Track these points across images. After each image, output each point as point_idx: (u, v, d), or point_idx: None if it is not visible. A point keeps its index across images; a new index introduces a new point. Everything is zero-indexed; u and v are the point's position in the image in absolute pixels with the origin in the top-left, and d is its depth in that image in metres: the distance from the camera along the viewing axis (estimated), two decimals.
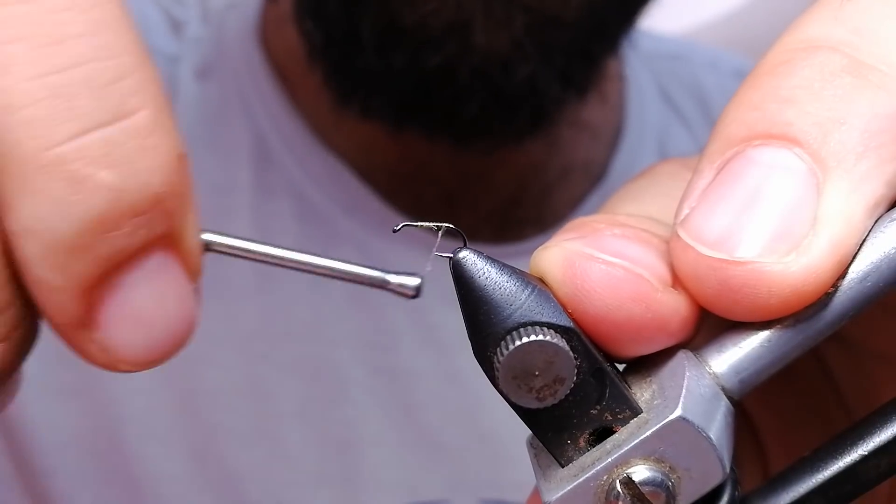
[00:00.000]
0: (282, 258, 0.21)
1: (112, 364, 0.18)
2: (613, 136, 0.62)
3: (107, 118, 0.17)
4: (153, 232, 0.17)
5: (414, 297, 0.20)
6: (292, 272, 0.66)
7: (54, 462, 0.52)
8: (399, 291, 0.20)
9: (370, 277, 0.20)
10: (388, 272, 0.20)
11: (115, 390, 0.52)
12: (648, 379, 0.20)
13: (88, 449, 0.52)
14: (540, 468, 0.20)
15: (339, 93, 0.53)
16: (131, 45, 0.17)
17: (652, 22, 0.71)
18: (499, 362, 0.19)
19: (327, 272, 0.21)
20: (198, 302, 0.19)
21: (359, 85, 0.52)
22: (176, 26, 0.60)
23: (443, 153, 0.54)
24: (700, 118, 0.66)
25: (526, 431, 0.21)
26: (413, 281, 0.20)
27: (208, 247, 0.20)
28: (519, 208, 0.58)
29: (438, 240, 0.21)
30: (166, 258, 0.18)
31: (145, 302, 0.18)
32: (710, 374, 0.19)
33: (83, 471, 0.52)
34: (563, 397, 0.19)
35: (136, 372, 0.18)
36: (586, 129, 0.60)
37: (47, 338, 0.19)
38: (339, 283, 0.70)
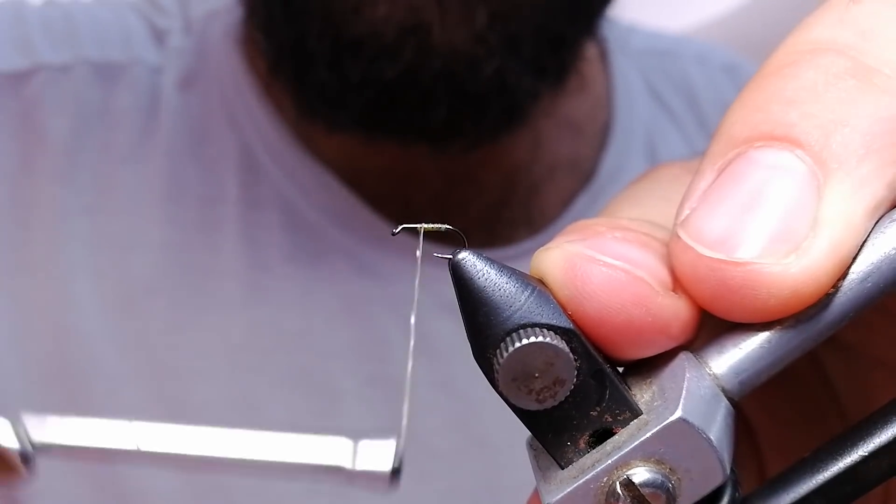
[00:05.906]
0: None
1: None
2: (601, 134, 0.61)
3: None
4: None
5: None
6: (282, 282, 0.65)
7: (43, 480, 0.51)
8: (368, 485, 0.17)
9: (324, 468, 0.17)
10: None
11: (104, 406, 0.51)
12: (648, 380, 0.20)
13: (77, 465, 0.51)
14: (539, 470, 0.20)
15: (303, 108, 0.52)
16: None
17: (651, 20, 0.71)
18: (498, 364, 0.19)
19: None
20: None
21: (319, 100, 0.51)
22: (158, 36, 0.59)
23: (426, 157, 0.54)
24: (689, 114, 0.66)
25: (522, 436, 0.21)
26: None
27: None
28: (508, 209, 0.57)
29: (422, 243, 0.21)
30: None
31: None
32: (710, 375, 0.19)
33: (73, 487, 0.51)
34: (562, 399, 0.19)
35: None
36: (569, 124, 0.60)
37: (36, 355, 0.18)
38: (329, 293, 0.69)
